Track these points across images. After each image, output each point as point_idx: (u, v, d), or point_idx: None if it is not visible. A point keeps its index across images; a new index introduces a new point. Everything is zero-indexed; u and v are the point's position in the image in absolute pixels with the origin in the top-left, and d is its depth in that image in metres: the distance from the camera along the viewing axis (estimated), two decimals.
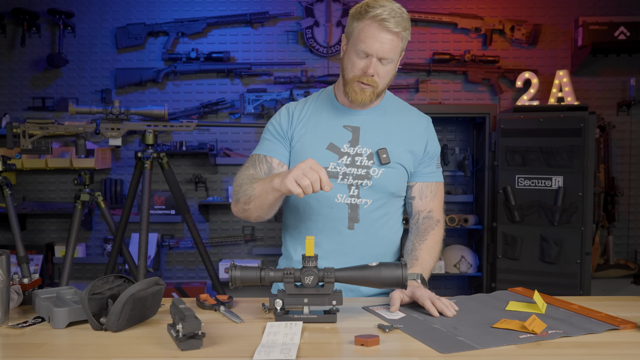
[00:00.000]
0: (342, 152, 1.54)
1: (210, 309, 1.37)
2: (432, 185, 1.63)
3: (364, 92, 1.50)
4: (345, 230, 1.54)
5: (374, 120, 1.59)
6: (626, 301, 1.46)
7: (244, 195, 1.48)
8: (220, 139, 3.95)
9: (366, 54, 1.46)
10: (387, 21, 1.41)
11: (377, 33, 1.43)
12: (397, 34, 1.44)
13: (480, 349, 1.08)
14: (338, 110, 1.59)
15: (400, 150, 1.56)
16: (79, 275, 4.04)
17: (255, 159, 1.58)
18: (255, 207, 1.46)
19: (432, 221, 1.59)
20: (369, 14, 1.43)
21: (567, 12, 3.90)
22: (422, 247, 1.52)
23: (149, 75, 3.90)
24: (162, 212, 3.88)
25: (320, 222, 1.55)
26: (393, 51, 1.46)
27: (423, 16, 3.88)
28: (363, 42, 1.44)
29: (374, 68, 1.46)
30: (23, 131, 2.68)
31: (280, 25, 3.96)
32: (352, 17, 1.49)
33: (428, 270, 1.49)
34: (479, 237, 3.83)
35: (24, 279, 1.41)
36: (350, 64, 1.50)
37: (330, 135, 1.56)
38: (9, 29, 3.95)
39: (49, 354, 1.09)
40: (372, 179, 1.53)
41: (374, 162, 1.54)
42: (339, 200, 1.54)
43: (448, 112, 3.79)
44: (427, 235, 1.55)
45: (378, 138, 1.56)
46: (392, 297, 1.35)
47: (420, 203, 1.62)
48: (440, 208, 1.64)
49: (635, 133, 3.92)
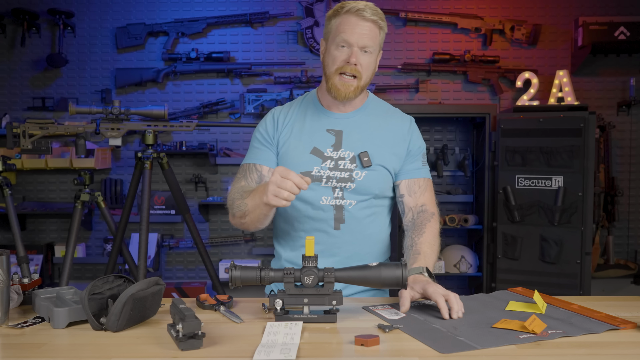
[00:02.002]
0: (326, 157, 1.56)
1: (210, 309, 1.37)
2: (420, 181, 1.62)
3: (348, 85, 1.53)
4: (332, 230, 1.56)
5: (356, 123, 1.60)
6: (626, 301, 1.46)
7: (238, 211, 1.51)
8: (220, 139, 3.95)
9: (347, 43, 1.50)
10: (364, 11, 1.49)
11: (355, 23, 1.49)
12: (374, 22, 1.50)
13: (480, 349, 1.08)
14: (322, 114, 1.61)
15: (382, 152, 1.58)
16: (79, 275, 4.04)
17: (246, 169, 1.61)
18: (252, 220, 1.49)
19: (426, 214, 1.58)
20: (344, 9, 1.51)
21: (567, 12, 3.90)
22: (422, 241, 1.51)
23: (149, 75, 3.90)
24: (162, 212, 3.88)
25: (307, 224, 1.58)
26: (373, 40, 1.51)
27: (423, 16, 3.88)
28: (343, 33, 1.50)
29: (356, 57, 1.50)
30: (23, 131, 2.68)
31: (280, 25, 3.96)
32: (329, 18, 1.56)
33: (432, 264, 1.48)
34: (479, 237, 3.83)
35: (24, 279, 1.41)
36: (331, 58, 1.53)
37: (313, 140, 1.58)
38: (9, 29, 3.95)
39: (49, 354, 1.09)
40: (355, 181, 1.55)
41: (356, 165, 1.56)
42: (324, 202, 1.56)
43: (448, 112, 3.79)
44: (424, 229, 1.54)
45: (360, 141, 1.58)
46: (401, 295, 1.32)
47: (410, 199, 1.60)
48: (432, 202, 1.62)
49: (635, 133, 3.92)
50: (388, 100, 4.29)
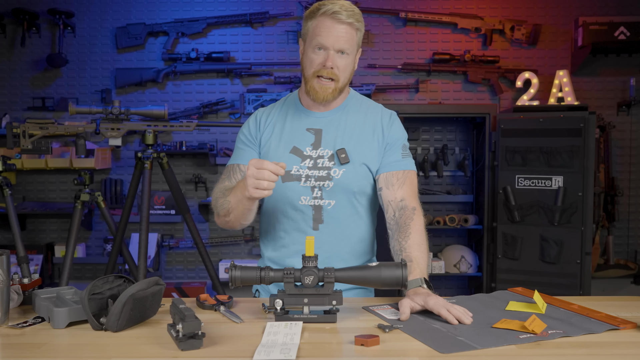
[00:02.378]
0: (305, 155, 1.57)
1: (210, 309, 1.37)
2: (399, 174, 1.58)
3: (325, 88, 1.53)
4: (310, 231, 1.57)
5: (336, 121, 1.61)
6: (626, 301, 1.46)
7: (222, 209, 1.52)
8: (220, 139, 3.95)
9: (323, 46, 1.50)
10: (339, 14, 1.48)
11: (331, 26, 1.49)
12: (350, 24, 1.50)
13: (480, 349, 1.08)
14: (302, 113, 1.62)
15: (362, 149, 1.57)
16: (79, 275, 4.04)
17: (230, 170, 1.63)
18: (236, 217, 1.51)
19: (407, 211, 1.51)
20: (320, 11, 1.50)
21: (567, 12, 3.90)
22: (410, 245, 1.46)
23: (149, 75, 3.90)
24: (162, 212, 3.89)
25: (287, 224, 1.59)
26: (349, 42, 1.51)
27: (423, 16, 3.88)
28: (319, 36, 1.49)
29: (332, 60, 1.50)
30: (23, 131, 2.68)
31: (280, 25, 3.96)
32: (306, 18, 1.55)
33: (425, 269, 1.45)
34: (479, 237, 3.83)
35: (24, 279, 1.41)
36: (308, 61, 1.54)
37: (293, 139, 1.59)
38: (9, 29, 3.95)
39: (49, 354, 1.09)
40: (333, 179, 1.55)
41: (334, 163, 1.56)
42: (303, 202, 1.56)
43: (448, 112, 3.79)
44: (409, 229, 1.48)
45: (339, 138, 1.58)
46: (401, 305, 1.29)
47: (388, 192, 1.56)
48: (412, 195, 1.56)
49: (635, 133, 3.92)
50: (388, 100, 4.26)
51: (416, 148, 3.97)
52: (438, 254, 3.92)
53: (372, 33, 3.94)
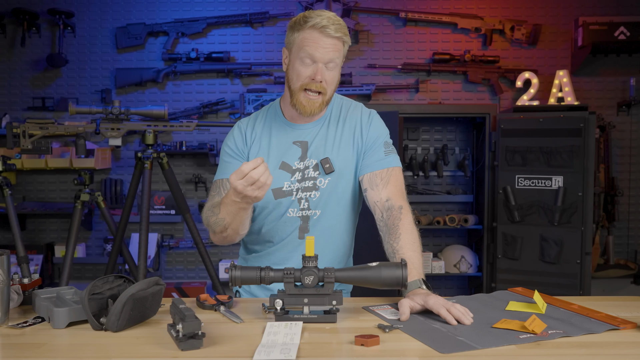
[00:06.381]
0: (294, 169, 1.57)
1: (210, 309, 1.37)
2: (382, 173, 1.56)
3: (313, 102, 1.52)
4: (296, 240, 1.58)
5: (321, 131, 1.60)
6: (626, 301, 1.46)
7: (217, 227, 1.51)
8: (220, 139, 3.95)
9: (312, 60, 1.48)
10: (327, 28, 1.46)
11: (319, 40, 1.47)
12: (338, 38, 1.49)
13: (480, 349, 1.08)
14: (287, 126, 1.61)
15: (345, 155, 1.58)
16: (79, 275, 4.04)
17: (219, 185, 1.61)
18: (234, 231, 1.50)
19: (394, 211, 1.49)
20: (308, 24, 1.48)
21: (567, 12, 3.90)
22: (402, 246, 1.44)
23: (149, 75, 3.90)
24: (162, 212, 3.89)
25: (275, 236, 1.60)
26: (337, 55, 1.50)
27: (423, 16, 3.88)
28: (307, 47, 1.48)
29: (321, 74, 1.49)
30: (23, 131, 2.68)
31: (280, 25, 3.95)
32: (291, 29, 1.53)
33: (421, 268, 1.44)
34: (479, 237, 3.83)
35: (24, 279, 1.41)
36: (295, 74, 1.52)
37: (281, 154, 1.59)
38: (9, 29, 3.95)
39: (49, 354, 1.09)
40: (319, 189, 1.56)
41: (319, 173, 1.56)
42: (290, 214, 1.57)
43: (448, 112, 3.79)
44: (398, 230, 1.46)
45: (324, 148, 1.58)
46: (401, 305, 1.29)
47: (373, 193, 1.55)
48: (397, 194, 1.54)
49: (635, 133, 3.92)
50: (388, 100, 4.26)
51: (416, 148, 3.97)
52: (438, 254, 3.92)
53: (372, 33, 3.94)
